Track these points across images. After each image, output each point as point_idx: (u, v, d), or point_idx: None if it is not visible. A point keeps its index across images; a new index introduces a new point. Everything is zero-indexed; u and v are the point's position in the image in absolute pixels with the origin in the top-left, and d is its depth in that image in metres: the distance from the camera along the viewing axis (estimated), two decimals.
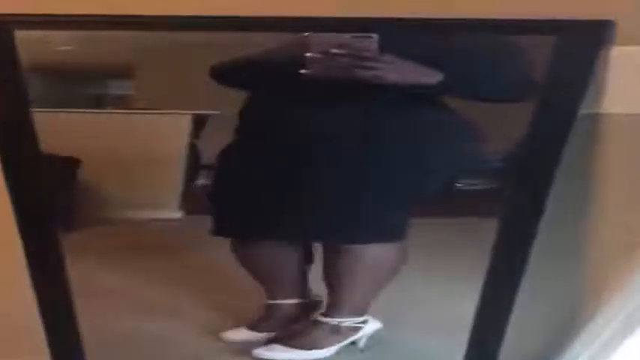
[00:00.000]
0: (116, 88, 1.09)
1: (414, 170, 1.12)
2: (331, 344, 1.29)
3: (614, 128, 1.03)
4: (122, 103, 1.10)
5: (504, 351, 1.24)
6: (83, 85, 1.09)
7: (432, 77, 0.98)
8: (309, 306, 1.29)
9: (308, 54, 0.95)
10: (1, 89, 0.98)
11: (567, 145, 1.01)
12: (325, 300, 1.27)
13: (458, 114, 1.05)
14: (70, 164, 1.12)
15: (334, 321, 1.27)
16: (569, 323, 1.25)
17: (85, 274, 1.18)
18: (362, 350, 1.30)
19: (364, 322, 1.28)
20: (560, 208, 1.08)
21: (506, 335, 1.21)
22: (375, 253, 1.22)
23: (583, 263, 1.17)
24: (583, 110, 0.98)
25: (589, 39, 0.94)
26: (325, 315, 1.27)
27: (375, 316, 1.28)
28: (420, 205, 1.16)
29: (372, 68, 0.95)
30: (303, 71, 0.95)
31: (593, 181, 1.08)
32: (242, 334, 1.29)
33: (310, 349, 1.28)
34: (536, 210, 1.08)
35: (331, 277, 1.23)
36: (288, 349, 1.28)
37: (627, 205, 1.10)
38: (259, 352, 1.27)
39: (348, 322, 1.27)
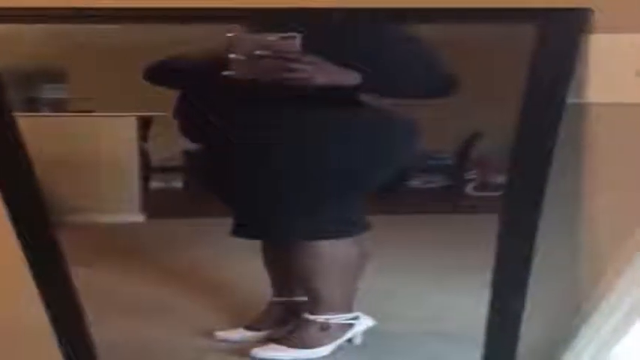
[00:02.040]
0: (53, 91, 1.07)
1: (355, 167, 1.10)
2: (325, 342, 1.26)
3: (596, 118, 1.02)
4: (62, 106, 1.08)
5: None
6: (19, 89, 1.04)
7: (354, 78, 0.97)
8: (298, 304, 1.26)
9: (232, 55, 0.92)
10: None
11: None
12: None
13: (397, 112, 1.05)
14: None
15: (320, 318, 1.24)
16: (573, 315, 1.20)
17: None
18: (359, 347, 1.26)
19: (354, 318, 1.24)
20: (551, 200, 1.03)
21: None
22: (334, 249, 1.19)
23: (579, 255, 1.14)
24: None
25: (568, 27, 0.93)
26: (311, 313, 1.24)
27: (382, 314, 1.25)
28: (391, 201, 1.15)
29: (295, 70, 0.93)
30: (226, 73, 0.94)
31: (581, 172, 1.06)
32: (238, 334, 1.27)
33: (306, 347, 1.25)
34: (536, 201, 1.03)
35: (299, 275, 1.22)
36: (286, 348, 1.25)
37: (616, 194, 1.07)
38: (257, 351, 1.25)
39: (334, 319, 1.23)
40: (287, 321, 1.26)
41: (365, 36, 0.96)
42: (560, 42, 0.92)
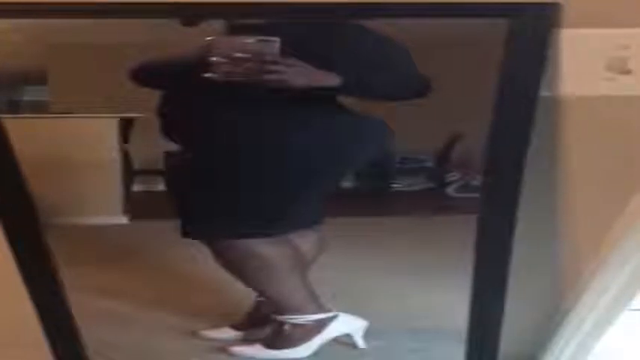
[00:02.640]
0: (33, 93, 1.06)
1: (316, 166, 1.11)
2: (299, 343, 1.26)
3: (567, 110, 1.02)
4: (44, 107, 1.07)
5: None
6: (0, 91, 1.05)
7: (332, 79, 0.98)
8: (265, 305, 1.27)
9: (213, 58, 0.93)
10: None
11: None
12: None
13: (369, 113, 1.06)
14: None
15: (286, 319, 1.24)
16: (552, 314, 1.21)
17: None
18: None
19: (331, 318, 1.24)
20: (527, 195, 1.04)
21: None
22: (262, 248, 1.19)
23: (558, 251, 1.15)
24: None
25: (538, 22, 0.93)
26: (276, 314, 1.25)
27: (376, 315, 1.25)
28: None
29: (274, 72, 0.94)
30: (208, 75, 0.94)
31: (556, 165, 1.06)
32: (224, 333, 1.27)
33: (283, 347, 1.26)
34: (512, 198, 1.04)
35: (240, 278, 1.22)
36: (264, 348, 1.26)
37: (591, 187, 1.08)
38: (240, 350, 1.26)
39: (301, 319, 1.24)
40: (269, 321, 1.26)
41: (343, 37, 0.98)
42: (531, 37, 0.92)
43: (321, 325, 1.24)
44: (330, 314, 1.24)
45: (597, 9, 0.95)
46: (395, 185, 1.12)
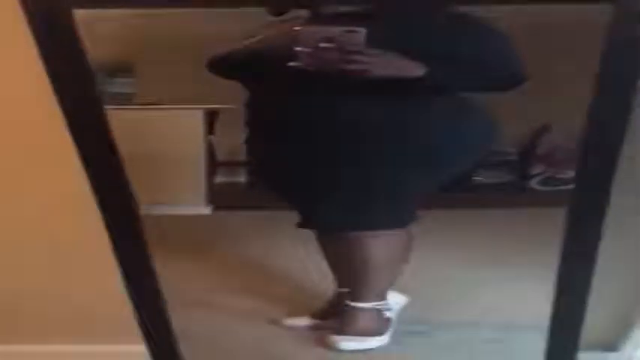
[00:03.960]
0: (121, 85, 1.07)
1: (418, 161, 1.09)
2: (380, 329, 1.28)
3: None
4: (129, 100, 1.08)
5: None
6: None
7: (419, 70, 0.95)
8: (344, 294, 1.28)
9: (298, 47, 0.93)
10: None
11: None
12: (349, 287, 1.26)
13: (468, 106, 1.03)
14: None
15: (368, 305, 1.26)
16: (634, 303, 1.21)
17: None
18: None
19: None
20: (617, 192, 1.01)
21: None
22: (384, 240, 1.20)
23: None
24: None
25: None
26: (358, 300, 1.26)
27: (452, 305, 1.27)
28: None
29: (357, 62, 0.93)
30: (292, 64, 0.94)
31: None
32: (305, 322, 1.30)
33: (364, 335, 1.27)
34: (604, 193, 1.00)
35: (354, 265, 1.23)
36: (346, 337, 1.27)
37: None
38: (333, 339, 1.28)
39: (379, 305, 1.26)
40: (347, 310, 1.27)
41: (433, 24, 0.95)
42: (634, 24, 0.86)
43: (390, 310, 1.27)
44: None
45: None
46: (477, 178, 1.10)
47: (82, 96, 0.96)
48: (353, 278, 1.24)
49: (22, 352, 1.32)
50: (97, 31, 0.94)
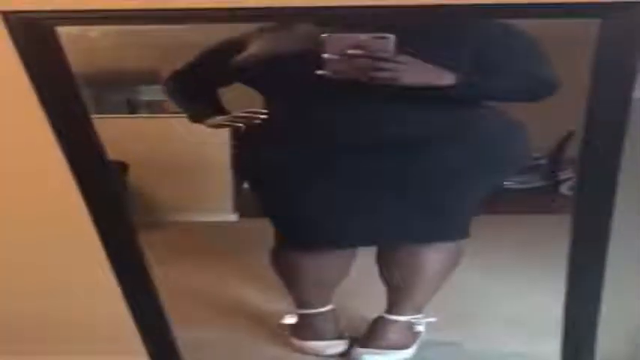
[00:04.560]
0: (150, 93, 1.09)
1: (468, 171, 1.07)
2: (410, 341, 1.27)
3: None
4: (157, 108, 1.09)
5: None
6: (118, 91, 1.08)
7: (449, 78, 0.92)
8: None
9: (325, 55, 0.90)
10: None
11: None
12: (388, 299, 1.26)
13: (500, 112, 1.00)
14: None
15: (403, 319, 1.26)
16: None
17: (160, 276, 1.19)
18: None
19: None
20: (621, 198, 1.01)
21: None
22: (434, 253, 1.19)
23: None
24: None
25: (633, 20, 0.84)
26: (396, 314, 1.26)
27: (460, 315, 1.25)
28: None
29: (386, 69, 0.90)
30: (320, 72, 0.91)
31: None
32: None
33: (395, 348, 1.27)
34: (607, 200, 1.01)
35: (393, 276, 1.22)
36: (381, 350, 1.27)
37: None
38: (357, 352, 1.28)
39: (414, 318, 1.26)
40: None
41: (463, 33, 0.92)
42: (625, 36, 0.85)
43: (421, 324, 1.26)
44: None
45: None
46: (508, 183, 1.09)
47: (67, 108, 0.96)
48: (396, 290, 1.23)
49: None
50: (121, 41, 0.95)
